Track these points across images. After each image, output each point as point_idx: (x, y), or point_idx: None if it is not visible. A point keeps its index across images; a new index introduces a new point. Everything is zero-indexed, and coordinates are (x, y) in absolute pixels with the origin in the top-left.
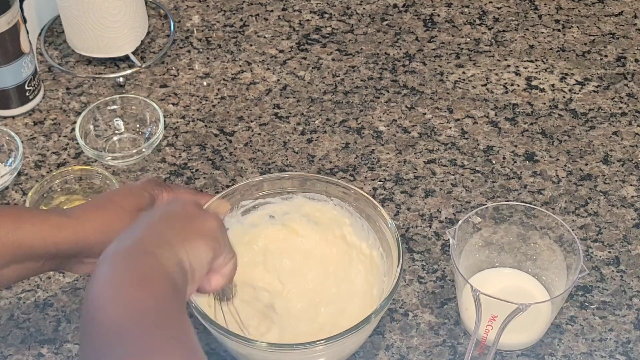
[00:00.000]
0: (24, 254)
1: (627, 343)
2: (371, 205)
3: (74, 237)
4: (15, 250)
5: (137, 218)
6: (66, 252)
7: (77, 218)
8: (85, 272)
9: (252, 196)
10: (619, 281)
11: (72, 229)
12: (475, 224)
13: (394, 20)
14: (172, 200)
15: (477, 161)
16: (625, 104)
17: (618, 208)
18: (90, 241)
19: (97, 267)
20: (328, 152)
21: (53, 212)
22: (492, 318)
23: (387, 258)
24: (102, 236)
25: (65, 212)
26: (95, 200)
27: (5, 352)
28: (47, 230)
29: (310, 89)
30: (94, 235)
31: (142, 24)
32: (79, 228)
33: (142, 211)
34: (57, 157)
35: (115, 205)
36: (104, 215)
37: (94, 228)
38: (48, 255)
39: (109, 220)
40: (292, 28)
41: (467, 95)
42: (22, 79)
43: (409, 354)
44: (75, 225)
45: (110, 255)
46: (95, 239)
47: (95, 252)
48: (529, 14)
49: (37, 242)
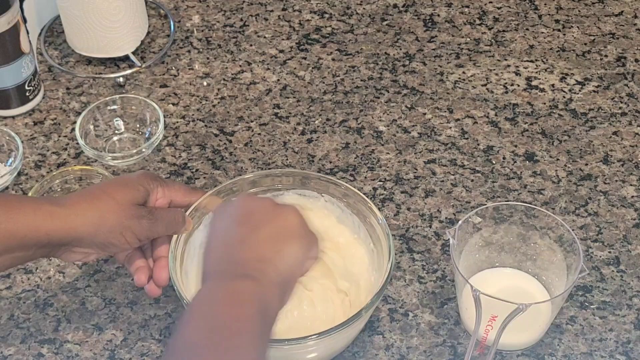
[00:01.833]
0: (16, 244)
1: (627, 343)
2: (362, 201)
3: (66, 227)
4: (7, 240)
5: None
6: (57, 242)
7: (69, 208)
8: (75, 260)
9: (244, 193)
10: (619, 281)
11: (64, 219)
12: (475, 224)
13: (394, 20)
14: (245, 198)
15: (477, 161)
16: (625, 104)
17: (618, 208)
18: (81, 232)
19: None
20: (328, 152)
21: (45, 201)
22: (492, 318)
23: (378, 254)
24: (93, 228)
25: (57, 201)
26: (89, 191)
27: (5, 352)
28: (40, 220)
29: (310, 89)
30: (85, 227)
31: (142, 24)
32: (70, 218)
33: (135, 205)
34: (57, 157)
35: (108, 197)
36: (96, 207)
37: (86, 219)
38: (39, 244)
39: (101, 213)
40: (292, 28)
41: (467, 95)
42: (22, 79)
43: (409, 354)
44: (67, 215)
45: (212, 275)
46: (86, 230)
47: (85, 243)
48: (529, 14)
49: (30, 231)
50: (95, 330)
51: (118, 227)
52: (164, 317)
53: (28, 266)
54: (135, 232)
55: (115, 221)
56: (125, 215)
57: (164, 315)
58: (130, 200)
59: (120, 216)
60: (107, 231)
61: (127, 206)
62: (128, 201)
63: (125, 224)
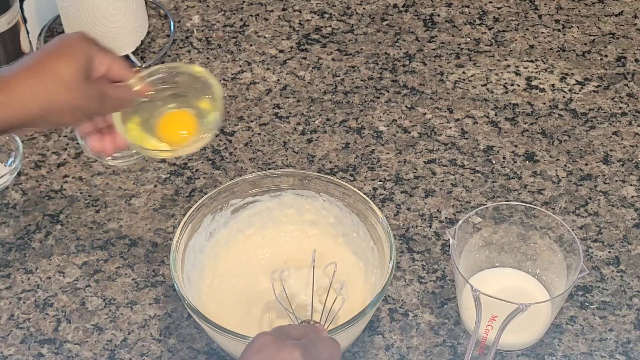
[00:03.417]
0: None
1: (627, 343)
2: (361, 200)
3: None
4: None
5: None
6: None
7: (15, 95)
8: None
9: (242, 195)
10: (619, 281)
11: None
12: (475, 224)
13: (394, 20)
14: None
15: (477, 161)
16: (625, 104)
17: (618, 208)
18: (30, 118)
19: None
20: (328, 152)
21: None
22: (492, 318)
23: (378, 252)
24: (43, 112)
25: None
26: (30, 67)
27: (5, 352)
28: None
29: (310, 89)
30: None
31: (142, 24)
32: (18, 106)
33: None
34: (57, 157)
35: (54, 76)
36: (44, 89)
37: (34, 105)
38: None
39: (49, 96)
40: (292, 28)
41: (467, 95)
42: None
43: (409, 354)
44: (14, 103)
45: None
46: (35, 115)
47: (35, 125)
48: (529, 14)
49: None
50: (95, 330)
51: (68, 109)
52: (164, 317)
53: (28, 266)
54: (85, 111)
55: (64, 103)
56: (75, 97)
57: (164, 315)
58: (76, 74)
59: (69, 98)
60: (56, 113)
61: (75, 84)
62: (75, 77)
63: (74, 105)
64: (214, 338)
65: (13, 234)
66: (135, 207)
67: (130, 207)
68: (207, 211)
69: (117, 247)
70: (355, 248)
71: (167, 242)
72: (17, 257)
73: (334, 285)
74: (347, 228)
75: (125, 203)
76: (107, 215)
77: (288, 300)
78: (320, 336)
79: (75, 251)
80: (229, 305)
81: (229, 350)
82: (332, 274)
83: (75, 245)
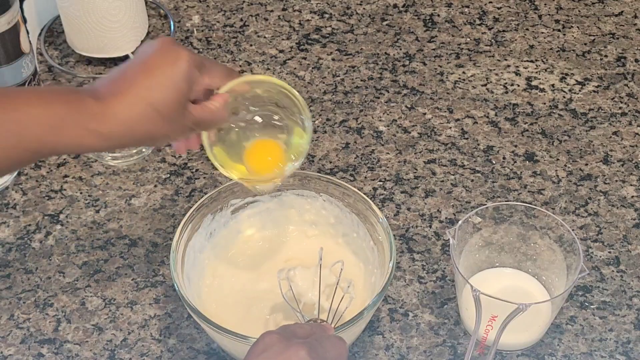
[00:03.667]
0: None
1: (627, 343)
2: (362, 200)
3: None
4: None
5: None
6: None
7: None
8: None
9: (242, 195)
10: (619, 281)
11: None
12: (475, 224)
13: (394, 20)
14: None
15: (477, 161)
16: (625, 104)
17: (618, 208)
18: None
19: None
20: (328, 152)
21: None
22: (492, 318)
23: (378, 252)
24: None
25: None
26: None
27: (5, 352)
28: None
29: (310, 89)
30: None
31: (142, 24)
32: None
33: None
34: (57, 157)
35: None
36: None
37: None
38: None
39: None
40: (292, 28)
41: (467, 95)
42: (22, 79)
43: (409, 354)
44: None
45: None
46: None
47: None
48: (529, 14)
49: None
50: (95, 331)
51: (161, 137)
52: (164, 317)
53: (28, 266)
54: (175, 138)
55: (159, 136)
56: (169, 128)
57: (164, 315)
58: (175, 106)
59: (164, 128)
60: (149, 140)
61: (173, 116)
62: (174, 108)
63: (167, 134)
64: (214, 338)
65: (13, 234)
66: (135, 207)
67: (130, 207)
68: (207, 211)
69: (117, 247)
70: (355, 248)
71: (167, 242)
72: (17, 257)
73: (341, 284)
74: (347, 228)
75: (125, 203)
76: (107, 215)
77: (295, 299)
78: (327, 335)
79: (75, 251)
80: (229, 305)
81: (229, 350)
82: (339, 272)
83: (75, 245)
